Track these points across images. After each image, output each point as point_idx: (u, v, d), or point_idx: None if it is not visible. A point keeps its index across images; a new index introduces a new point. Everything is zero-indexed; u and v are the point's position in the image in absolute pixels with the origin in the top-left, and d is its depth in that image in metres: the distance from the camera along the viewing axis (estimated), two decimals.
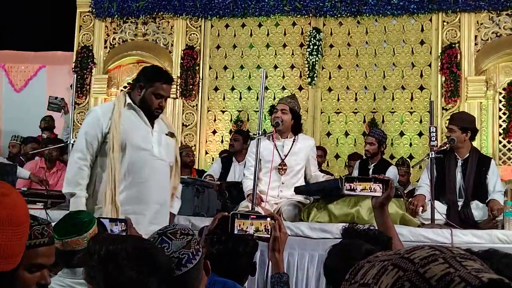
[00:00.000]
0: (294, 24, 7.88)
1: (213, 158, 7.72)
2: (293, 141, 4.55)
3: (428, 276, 0.69)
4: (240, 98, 7.98)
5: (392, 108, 7.52)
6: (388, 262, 0.74)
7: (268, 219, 2.35)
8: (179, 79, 7.92)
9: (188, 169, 6.64)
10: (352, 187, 2.36)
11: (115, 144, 3.28)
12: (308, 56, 7.61)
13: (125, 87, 8.20)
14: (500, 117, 7.20)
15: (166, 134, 3.52)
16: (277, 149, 4.50)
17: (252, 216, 2.35)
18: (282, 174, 4.49)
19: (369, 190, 2.34)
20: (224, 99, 8.00)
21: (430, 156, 4.27)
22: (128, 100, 3.43)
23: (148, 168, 3.36)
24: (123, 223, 2.60)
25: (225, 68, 8.04)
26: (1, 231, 1.04)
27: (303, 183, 4.61)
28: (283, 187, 4.49)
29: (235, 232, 2.28)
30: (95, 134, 3.37)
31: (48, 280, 1.45)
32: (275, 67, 7.89)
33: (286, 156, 4.50)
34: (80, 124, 8.13)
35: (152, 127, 3.46)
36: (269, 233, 2.30)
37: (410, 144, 7.45)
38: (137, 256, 1.59)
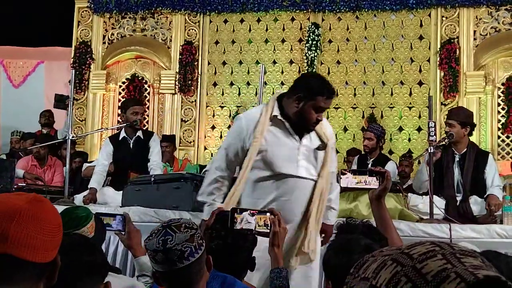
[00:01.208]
0: (293, 19, 7.87)
1: (211, 154, 7.72)
2: None
3: (424, 272, 0.69)
4: (239, 94, 7.98)
5: (391, 103, 7.52)
6: (388, 257, 0.74)
7: (268, 214, 2.35)
8: (177, 75, 7.91)
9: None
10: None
11: (249, 164, 2.99)
12: (307, 51, 7.60)
13: (123, 82, 8.19)
14: (499, 112, 7.20)
15: (316, 149, 3.09)
16: None
17: (252, 211, 2.35)
18: None
19: (364, 183, 2.33)
20: (223, 94, 7.99)
21: (429, 151, 4.27)
22: (275, 112, 3.03)
23: (290, 190, 3.03)
24: (121, 217, 2.61)
25: (224, 63, 8.03)
26: (21, 223, 1.21)
27: None
28: None
29: (235, 227, 2.28)
30: (236, 148, 3.06)
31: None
32: (274, 62, 7.89)
33: None
34: (79, 119, 8.15)
35: (301, 141, 3.05)
36: (269, 228, 2.31)
37: (409, 139, 7.46)
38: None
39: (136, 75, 8.17)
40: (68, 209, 2.46)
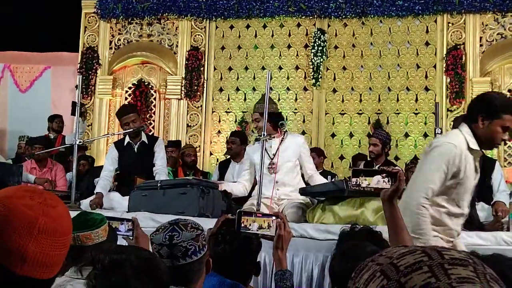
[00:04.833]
0: (298, 25, 7.88)
1: (217, 159, 7.73)
2: (281, 140, 4.59)
3: (408, 287, 0.70)
4: (245, 99, 7.99)
5: (397, 109, 7.52)
6: (379, 267, 0.75)
7: (273, 217, 2.37)
8: (183, 80, 7.94)
9: (191, 169, 6.65)
10: (357, 182, 2.32)
11: None
12: (312, 57, 7.62)
13: (129, 87, 8.22)
14: None
15: None
16: (266, 150, 4.53)
17: (258, 214, 2.37)
18: (273, 173, 4.52)
19: (376, 184, 2.29)
20: (228, 100, 8.01)
21: None
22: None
23: None
24: (129, 223, 2.62)
25: (230, 69, 8.05)
26: (40, 240, 1.11)
27: (301, 180, 4.63)
28: (278, 186, 4.52)
29: (241, 229, 2.30)
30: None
31: None
32: (280, 68, 7.90)
33: (274, 155, 4.55)
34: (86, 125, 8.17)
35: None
36: (274, 231, 2.32)
37: (415, 146, 7.45)
38: (141, 266, 1.59)
39: (143, 80, 8.19)
40: (82, 212, 2.51)
